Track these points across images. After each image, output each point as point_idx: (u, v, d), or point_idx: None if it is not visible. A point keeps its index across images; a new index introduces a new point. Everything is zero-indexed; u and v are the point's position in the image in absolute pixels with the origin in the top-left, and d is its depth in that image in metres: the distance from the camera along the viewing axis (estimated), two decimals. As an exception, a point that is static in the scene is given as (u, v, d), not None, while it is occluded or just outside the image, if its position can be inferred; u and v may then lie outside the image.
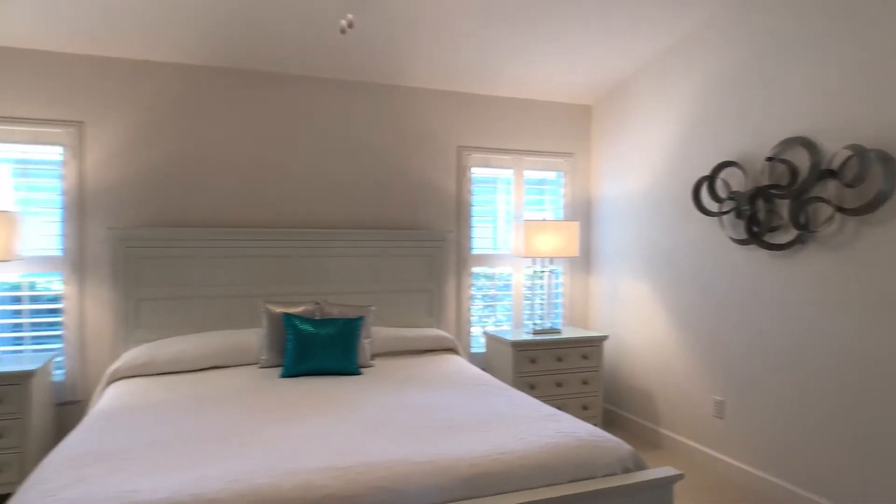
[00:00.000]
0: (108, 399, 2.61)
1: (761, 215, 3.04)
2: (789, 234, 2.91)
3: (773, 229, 3.00)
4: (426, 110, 4.08)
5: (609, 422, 4.25)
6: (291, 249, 3.64)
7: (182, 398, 2.55)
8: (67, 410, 3.37)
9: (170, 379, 2.90)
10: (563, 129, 4.46)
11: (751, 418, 3.15)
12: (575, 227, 3.99)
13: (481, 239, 4.27)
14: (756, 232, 3.06)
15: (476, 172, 4.24)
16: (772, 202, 3.00)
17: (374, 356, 3.37)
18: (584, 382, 3.88)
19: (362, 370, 3.12)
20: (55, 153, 3.36)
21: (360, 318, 3.24)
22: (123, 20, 3.07)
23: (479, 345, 4.25)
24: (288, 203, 3.76)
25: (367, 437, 2.03)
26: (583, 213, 4.50)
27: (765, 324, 3.07)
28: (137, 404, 2.47)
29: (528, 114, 4.34)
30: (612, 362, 4.25)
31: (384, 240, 3.86)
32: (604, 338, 3.97)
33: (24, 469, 2.87)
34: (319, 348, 3.03)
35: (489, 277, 4.35)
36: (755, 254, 3.13)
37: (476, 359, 4.18)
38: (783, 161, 2.92)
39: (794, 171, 2.86)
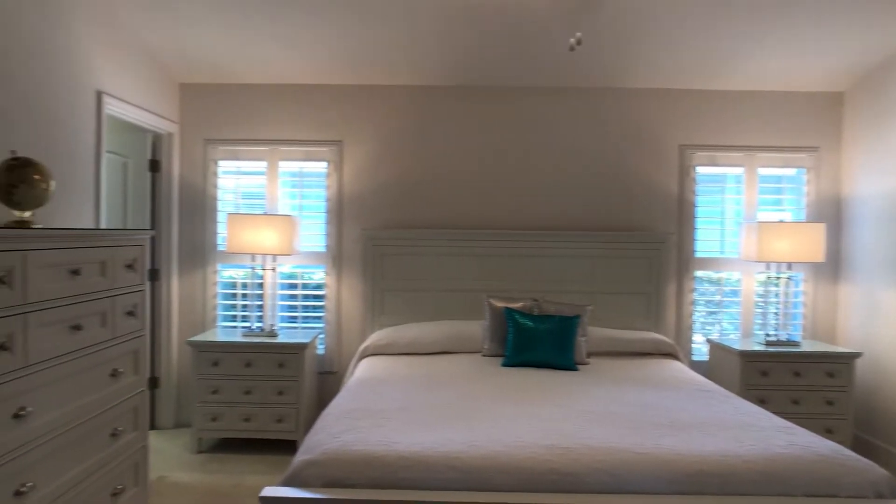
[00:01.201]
0: (361, 371, 3.12)
1: None
2: None
3: None
4: (646, 110, 4.02)
5: (861, 451, 3.68)
6: (512, 249, 3.90)
7: (420, 375, 2.93)
8: (326, 379, 4.05)
9: (408, 359, 3.33)
10: (806, 121, 4.01)
11: None
12: (820, 229, 3.59)
13: (706, 241, 4.06)
14: None
15: (701, 171, 4.04)
16: None
17: (589, 354, 3.43)
18: (829, 403, 3.46)
19: (578, 366, 3.22)
20: (321, 167, 4.07)
21: (577, 317, 3.34)
22: (376, 54, 3.61)
23: (700, 353, 4.04)
24: (511, 206, 4.02)
25: (586, 425, 2.13)
26: (831, 213, 3.99)
27: None
28: (385, 377, 2.91)
29: (761, 106, 4.00)
30: (867, 383, 3.69)
31: (601, 241, 3.90)
32: (856, 355, 3.50)
33: (299, 421, 3.54)
34: (538, 342, 3.21)
35: (714, 282, 4.11)
36: None
37: (697, 367, 3.97)
38: None
39: None
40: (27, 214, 2.16)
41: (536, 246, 3.90)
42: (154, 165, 3.94)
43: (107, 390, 2.38)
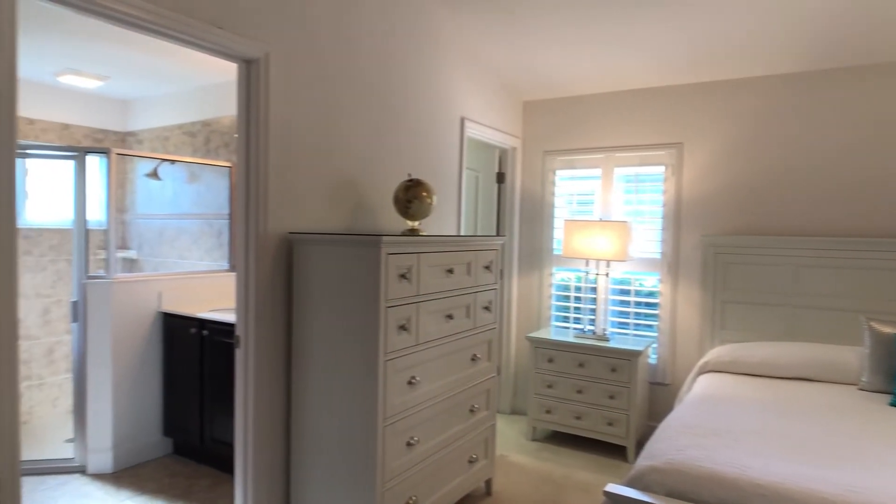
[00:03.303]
0: (701, 387, 2.93)
1: None
2: None
3: None
4: None
5: None
6: (901, 261, 3.16)
7: (774, 400, 2.61)
8: (657, 390, 3.93)
9: (757, 380, 3.00)
10: None
11: None
12: None
13: None
14: None
15: None
16: None
17: None
18: None
19: None
20: (658, 171, 3.97)
21: None
22: (721, 47, 3.35)
23: None
24: (897, 208, 3.27)
25: None
26: None
27: None
28: (731, 396, 2.68)
29: None
30: None
31: None
32: None
33: (629, 427, 3.53)
34: (942, 380, 2.53)
35: None
36: None
37: None
38: None
39: None
40: (416, 224, 2.68)
41: (940, 258, 3.08)
42: (500, 177, 4.43)
43: (468, 372, 2.78)
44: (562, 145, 4.32)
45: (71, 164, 3.21)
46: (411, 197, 2.60)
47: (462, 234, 3.76)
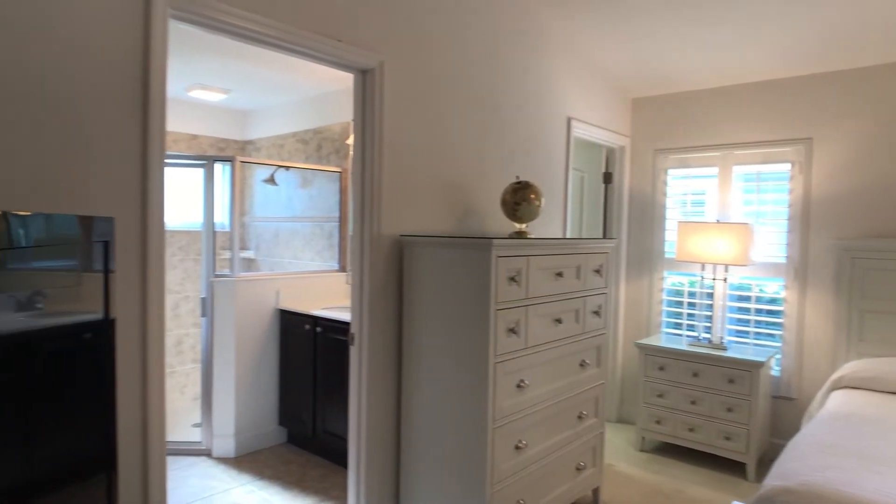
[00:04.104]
0: (835, 404, 2.67)
1: None
2: None
3: None
4: None
5: None
6: None
7: (925, 423, 2.32)
8: (781, 404, 3.63)
9: (902, 400, 2.69)
10: None
11: None
12: None
13: None
14: None
15: None
16: None
17: None
18: None
19: None
20: (783, 169, 3.67)
21: None
22: (852, 31, 3.04)
23: None
24: None
25: None
26: None
27: None
28: (873, 416, 2.42)
29: None
30: None
31: None
32: None
33: (749, 443, 3.29)
34: None
35: None
36: None
37: None
38: None
39: None
40: (524, 226, 2.66)
41: None
42: (607, 178, 4.29)
43: (576, 377, 2.72)
44: (674, 143, 4.11)
45: (199, 171, 3.49)
46: (519, 199, 2.58)
47: (568, 236, 3.68)
